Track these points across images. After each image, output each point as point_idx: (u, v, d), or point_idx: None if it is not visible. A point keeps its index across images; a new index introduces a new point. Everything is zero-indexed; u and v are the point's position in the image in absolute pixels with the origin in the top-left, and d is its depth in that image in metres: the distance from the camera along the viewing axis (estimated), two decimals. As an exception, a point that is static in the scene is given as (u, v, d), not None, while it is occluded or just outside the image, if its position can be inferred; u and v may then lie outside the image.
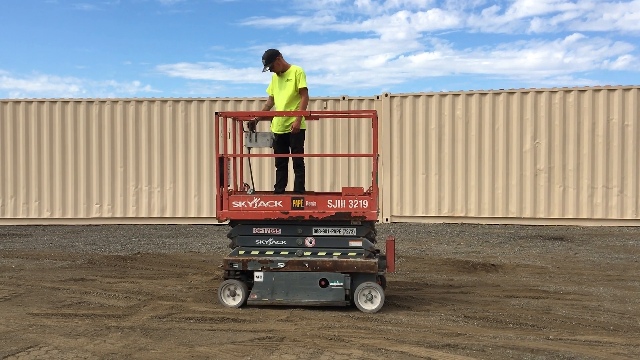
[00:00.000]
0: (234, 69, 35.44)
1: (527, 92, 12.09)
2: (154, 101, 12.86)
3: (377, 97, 12.61)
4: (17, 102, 12.94)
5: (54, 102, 12.92)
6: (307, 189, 6.71)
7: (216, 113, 5.95)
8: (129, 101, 12.89)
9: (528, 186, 12.03)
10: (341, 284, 5.65)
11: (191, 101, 12.85)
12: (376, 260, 5.72)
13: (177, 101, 12.85)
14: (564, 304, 5.91)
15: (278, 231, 5.86)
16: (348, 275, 5.66)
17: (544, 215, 11.97)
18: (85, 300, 6.15)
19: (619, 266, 7.90)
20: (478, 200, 12.21)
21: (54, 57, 34.80)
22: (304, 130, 6.55)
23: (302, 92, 6.45)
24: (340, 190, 5.98)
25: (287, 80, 6.44)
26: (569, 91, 11.95)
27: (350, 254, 5.74)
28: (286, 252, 5.82)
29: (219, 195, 5.86)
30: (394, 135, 12.51)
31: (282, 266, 5.75)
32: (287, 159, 6.65)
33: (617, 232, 11.04)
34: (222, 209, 5.86)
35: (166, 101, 12.85)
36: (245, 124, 6.49)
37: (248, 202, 5.83)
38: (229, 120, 6.38)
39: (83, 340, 4.79)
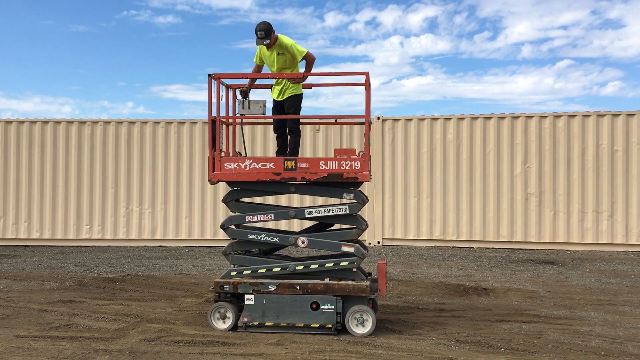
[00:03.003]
0: (228, 91, 35.52)
1: (517, 117, 12.20)
2: (146, 122, 12.87)
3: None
4: (8, 122, 12.91)
5: (46, 122, 12.89)
6: None
7: (209, 74, 5.83)
8: (122, 122, 12.88)
9: (519, 210, 12.08)
10: (332, 307, 5.62)
11: (184, 122, 12.86)
12: (368, 283, 5.70)
13: (169, 122, 12.86)
14: (555, 328, 5.90)
15: (271, 216, 5.86)
16: (339, 298, 5.63)
17: (535, 239, 12.00)
18: (73, 323, 6.08)
19: (609, 291, 7.90)
20: (469, 223, 12.23)
21: (48, 78, 34.80)
22: (301, 95, 6.43)
23: (306, 56, 6.27)
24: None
25: (278, 54, 6.28)
26: (559, 116, 12.07)
27: (342, 263, 5.72)
28: (278, 269, 5.81)
29: (211, 157, 5.83)
30: (386, 158, 12.56)
31: (273, 289, 5.71)
32: (284, 126, 6.48)
33: (607, 257, 11.07)
34: (214, 171, 5.83)
35: (159, 122, 12.86)
36: (238, 91, 6.46)
37: (240, 163, 5.81)
38: (222, 90, 6.20)
39: (70, 363, 4.72)
